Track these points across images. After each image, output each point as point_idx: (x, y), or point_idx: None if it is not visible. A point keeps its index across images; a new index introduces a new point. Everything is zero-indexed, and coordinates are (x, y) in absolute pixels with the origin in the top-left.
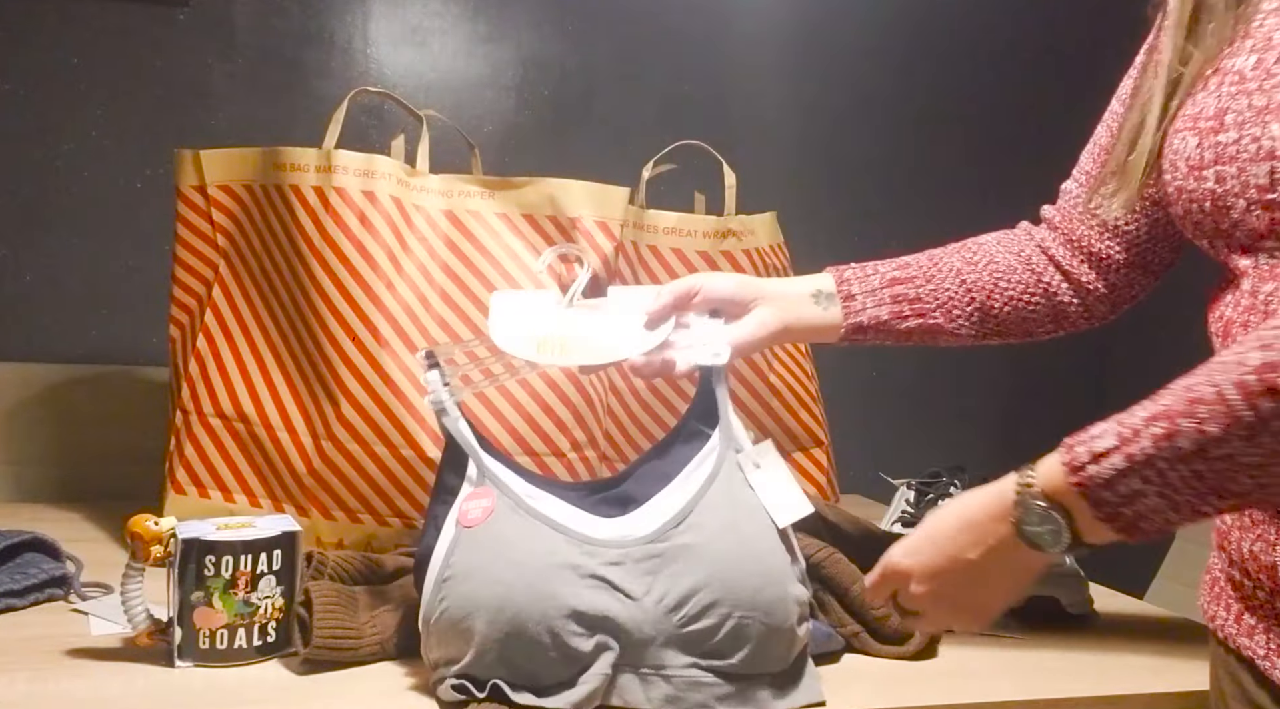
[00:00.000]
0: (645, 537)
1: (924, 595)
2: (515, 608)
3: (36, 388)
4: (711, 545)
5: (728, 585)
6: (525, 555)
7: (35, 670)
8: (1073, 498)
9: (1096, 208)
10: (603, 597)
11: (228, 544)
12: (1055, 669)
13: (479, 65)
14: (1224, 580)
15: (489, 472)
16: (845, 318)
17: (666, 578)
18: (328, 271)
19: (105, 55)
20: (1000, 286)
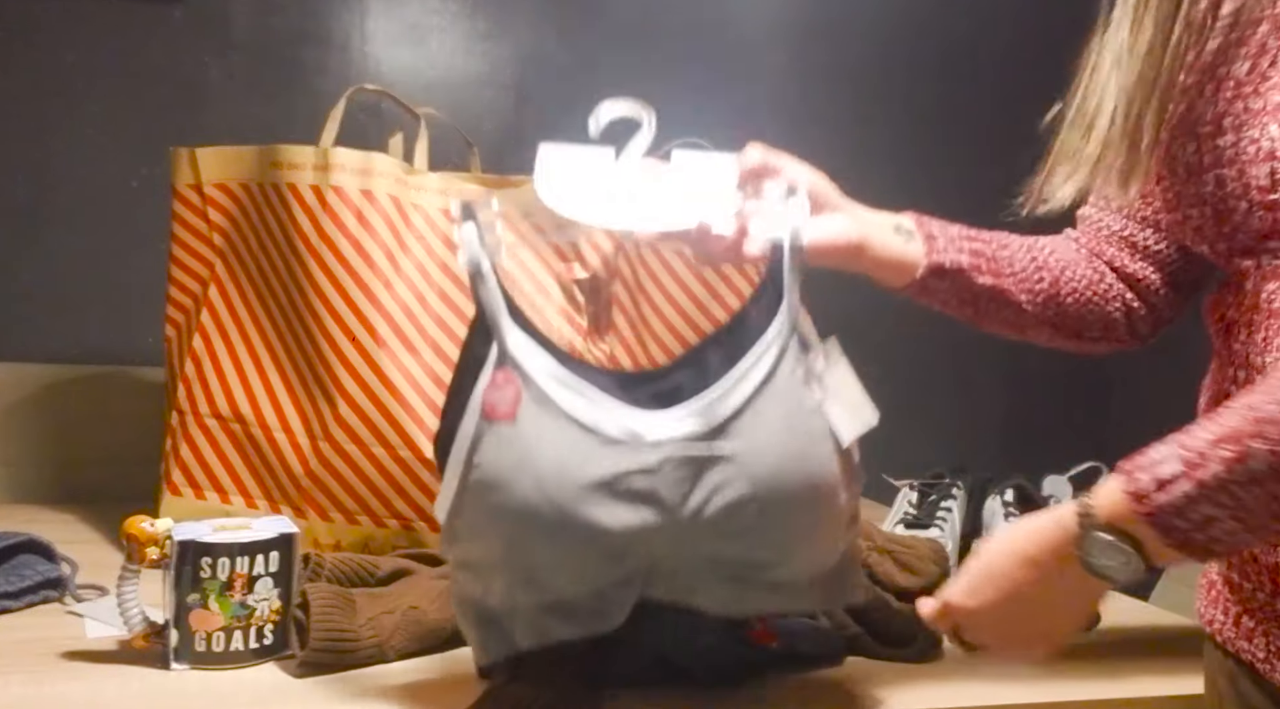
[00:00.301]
0: (688, 436)
1: (990, 633)
2: (541, 532)
3: (31, 388)
4: (761, 454)
5: (774, 498)
6: (553, 468)
7: (30, 673)
8: (1141, 527)
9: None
10: (638, 512)
11: (224, 546)
12: (1060, 672)
13: (477, 63)
14: (1221, 583)
15: (510, 355)
16: (927, 255)
17: (707, 487)
18: (325, 271)
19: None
20: (1066, 275)
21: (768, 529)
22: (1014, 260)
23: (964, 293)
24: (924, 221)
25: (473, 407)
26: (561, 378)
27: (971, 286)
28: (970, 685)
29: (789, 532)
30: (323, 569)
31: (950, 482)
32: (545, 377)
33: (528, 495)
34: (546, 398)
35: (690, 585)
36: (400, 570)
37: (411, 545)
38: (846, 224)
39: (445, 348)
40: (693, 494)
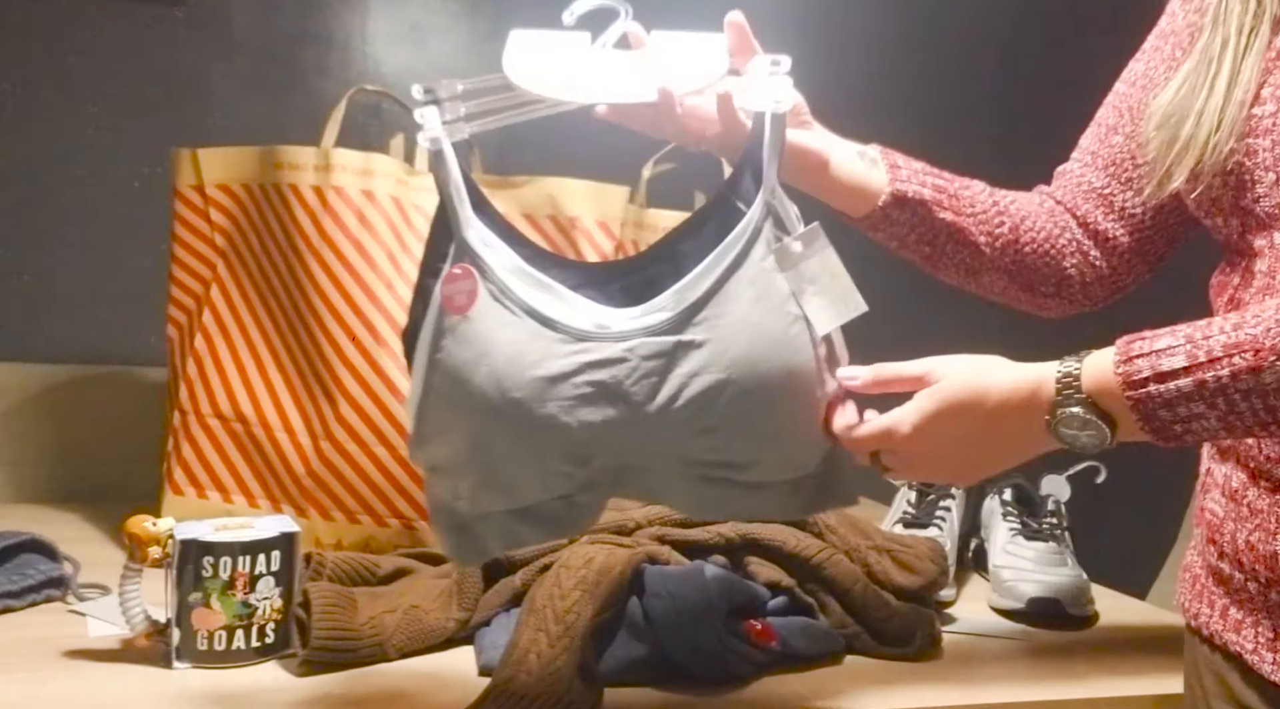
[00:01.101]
0: (654, 327)
1: (920, 470)
2: (501, 430)
3: (33, 388)
4: (732, 340)
5: (747, 386)
6: (509, 363)
7: (33, 672)
8: (1122, 409)
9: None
10: (602, 408)
11: (226, 545)
12: (1057, 670)
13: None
14: (1206, 576)
15: (470, 248)
16: (890, 183)
17: (677, 379)
18: (326, 271)
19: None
20: (1026, 225)
21: (742, 420)
22: (975, 201)
23: (923, 227)
24: (889, 152)
25: (434, 301)
26: (522, 270)
27: (932, 221)
28: (969, 684)
29: (765, 423)
30: (324, 568)
31: None
32: (504, 269)
33: (485, 392)
34: (505, 290)
35: (665, 485)
36: (401, 569)
37: (413, 545)
38: (813, 138)
39: None
40: (662, 387)
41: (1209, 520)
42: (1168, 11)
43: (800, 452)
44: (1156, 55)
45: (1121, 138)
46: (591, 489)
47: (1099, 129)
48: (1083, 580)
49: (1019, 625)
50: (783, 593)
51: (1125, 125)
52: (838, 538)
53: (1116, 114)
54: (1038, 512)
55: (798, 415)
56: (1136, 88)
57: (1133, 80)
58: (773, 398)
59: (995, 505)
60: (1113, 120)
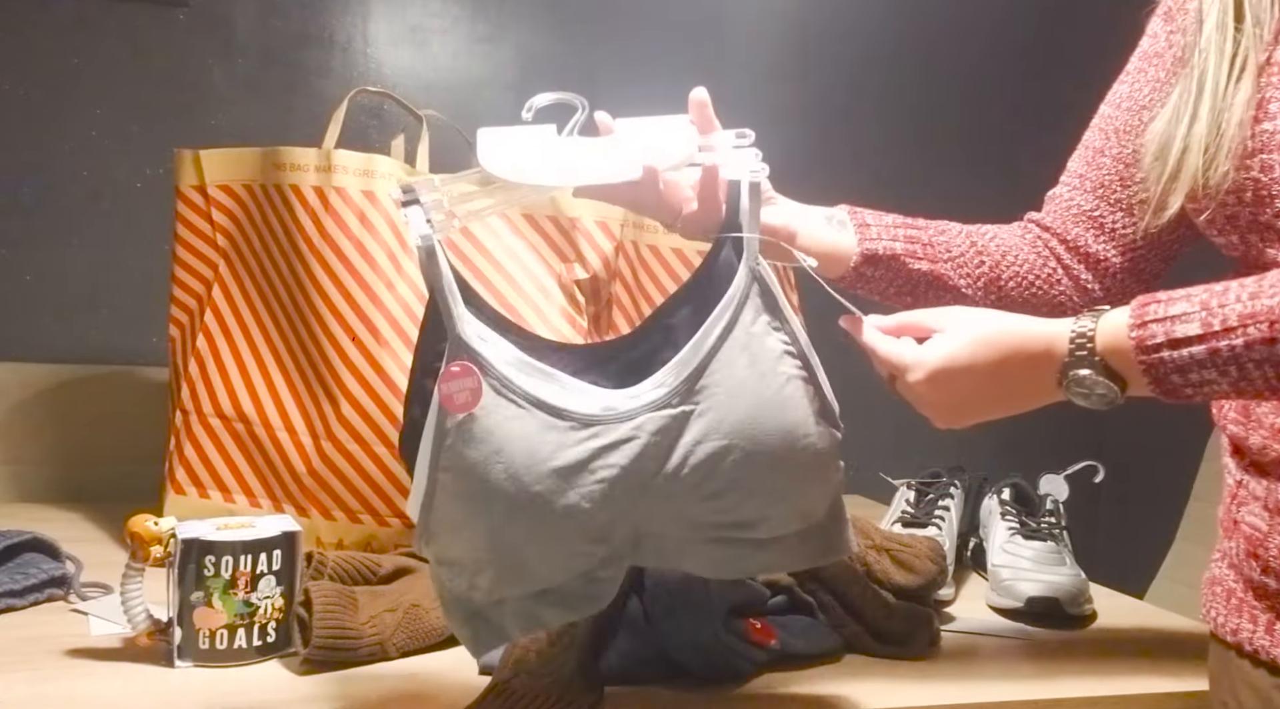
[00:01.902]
0: (657, 402)
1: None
2: (521, 525)
3: (36, 388)
4: (732, 405)
5: (751, 448)
6: (524, 458)
7: (35, 671)
8: (1134, 371)
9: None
10: (616, 487)
11: (227, 544)
12: (1055, 669)
13: (479, 65)
14: (1245, 590)
15: (467, 345)
16: (860, 243)
17: (684, 447)
18: (328, 271)
19: (105, 55)
20: (1008, 261)
21: (747, 482)
22: (951, 245)
23: (899, 279)
24: (857, 212)
25: (434, 402)
26: (522, 362)
27: (907, 273)
28: (968, 683)
29: (769, 482)
30: (325, 567)
31: (948, 480)
32: (504, 363)
33: (504, 489)
34: (508, 383)
35: (679, 551)
36: (402, 569)
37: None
38: (777, 213)
39: None
40: (670, 457)
41: (1248, 534)
42: (1149, 32)
43: (806, 503)
44: (1141, 77)
45: (1109, 160)
46: (612, 564)
47: (1086, 152)
48: (1081, 580)
49: (1017, 625)
50: (783, 592)
51: (1112, 147)
52: None
53: (1103, 137)
54: (1036, 511)
55: (799, 470)
56: (1121, 109)
57: (1117, 103)
58: (774, 457)
59: (994, 505)
60: (1099, 143)
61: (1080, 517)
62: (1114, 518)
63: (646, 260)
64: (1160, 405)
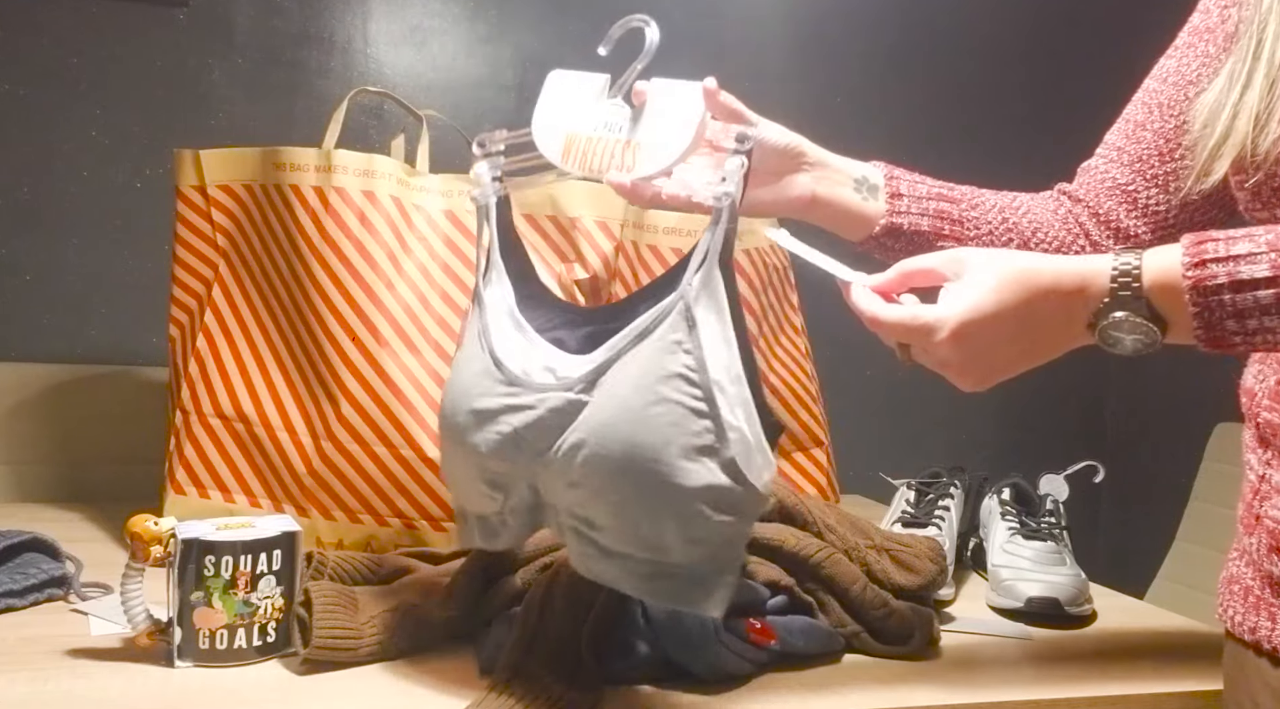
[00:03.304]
0: (565, 383)
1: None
2: (447, 448)
3: (36, 388)
4: (602, 406)
5: (597, 452)
6: (460, 392)
7: (35, 671)
8: (1182, 314)
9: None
10: (510, 447)
11: (228, 544)
12: (1055, 669)
13: (478, 65)
14: (1262, 586)
15: (479, 291)
16: (888, 215)
17: (564, 433)
18: (328, 272)
19: (105, 55)
20: (1037, 237)
21: (593, 482)
22: (982, 221)
23: (921, 253)
24: (894, 178)
25: None
26: (511, 313)
27: (931, 249)
28: (967, 683)
29: (611, 493)
30: (325, 567)
31: (948, 480)
32: (495, 309)
33: (445, 411)
34: (486, 330)
35: (560, 529)
36: (402, 569)
37: (414, 544)
38: (797, 184)
39: (447, 347)
40: (557, 438)
41: (1271, 528)
42: (1200, 7)
43: (650, 532)
44: (1190, 52)
45: (1150, 134)
46: (513, 515)
47: (1127, 125)
48: (1081, 580)
49: (1017, 625)
50: (783, 592)
51: (1154, 122)
52: (837, 537)
53: (1146, 111)
54: (1036, 511)
55: (645, 494)
56: (1168, 84)
57: (1164, 77)
58: (615, 469)
59: (994, 505)
60: (1141, 117)
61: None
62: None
63: (646, 260)
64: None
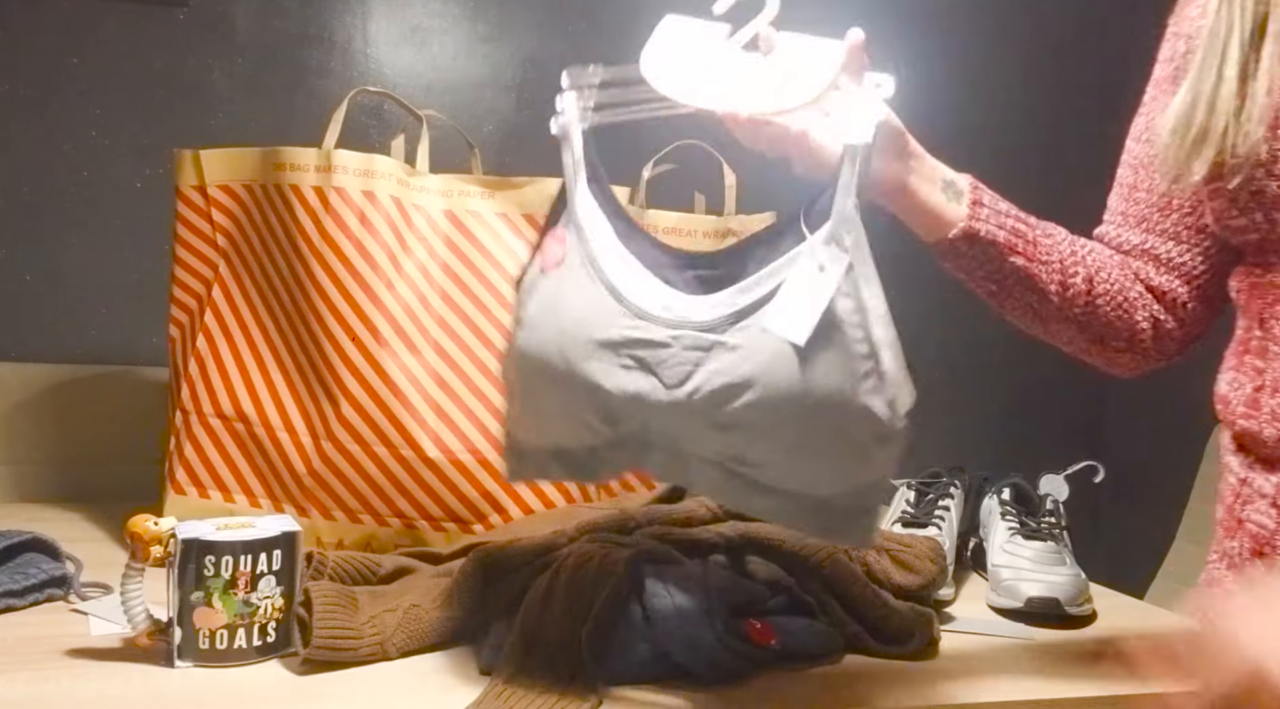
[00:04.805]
0: (701, 324)
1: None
2: (549, 379)
3: (36, 388)
4: (759, 348)
5: (763, 395)
6: (572, 322)
7: (35, 670)
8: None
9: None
10: (636, 380)
11: (228, 544)
12: (1055, 669)
13: (479, 65)
14: None
15: (574, 215)
16: (968, 218)
17: (706, 372)
18: (327, 271)
19: (105, 55)
20: (1101, 275)
21: (755, 424)
22: (1054, 250)
23: (991, 265)
24: (979, 188)
25: (538, 256)
26: (613, 246)
27: (1001, 261)
28: (968, 683)
29: (779, 432)
30: (325, 567)
31: (947, 480)
32: (599, 241)
33: (545, 342)
34: (593, 258)
35: (685, 465)
36: (402, 569)
37: (414, 544)
38: (891, 169)
39: (447, 348)
40: (690, 378)
41: (1254, 532)
42: (1160, 58)
43: (818, 470)
44: (1154, 106)
45: (1144, 194)
46: (618, 448)
47: (1121, 188)
48: (1081, 580)
49: (1018, 625)
50: (783, 592)
51: (1144, 182)
52: None
53: (1133, 173)
54: (1036, 511)
55: (816, 432)
56: (1142, 143)
57: (1138, 136)
58: (786, 409)
59: (994, 505)
60: (1131, 179)
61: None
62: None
63: None
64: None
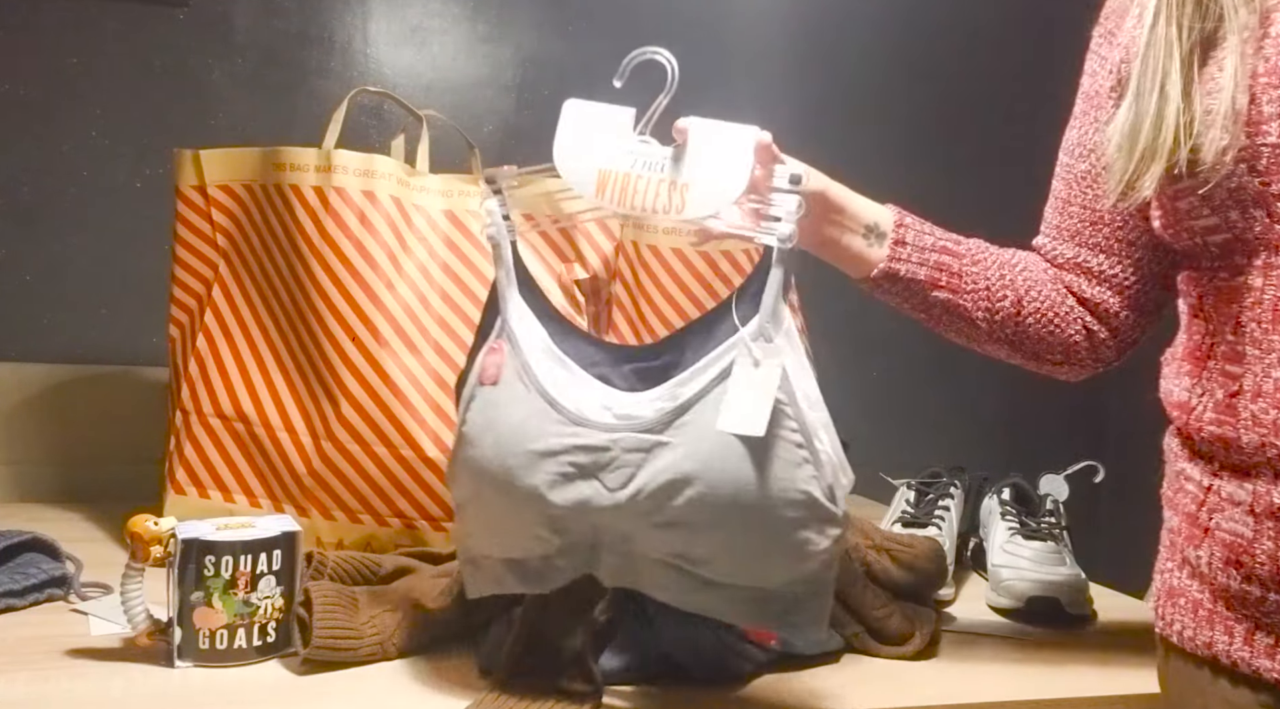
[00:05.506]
0: (640, 423)
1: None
2: (495, 491)
3: (36, 388)
4: (699, 444)
5: (705, 491)
6: (511, 433)
7: (35, 671)
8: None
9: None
10: (579, 488)
11: (228, 544)
12: (1055, 669)
13: (479, 65)
14: (1213, 600)
15: (508, 326)
16: (888, 260)
17: (645, 474)
18: (327, 271)
19: (105, 55)
20: (1030, 295)
21: (697, 520)
22: (980, 277)
23: (915, 300)
24: (902, 227)
25: (475, 369)
26: (549, 349)
27: (924, 296)
28: (968, 683)
29: (721, 528)
30: (325, 567)
31: (948, 480)
32: (534, 349)
33: (487, 455)
34: (528, 368)
35: (634, 567)
36: (402, 569)
37: (414, 544)
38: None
39: (447, 348)
40: (633, 480)
41: (1227, 541)
42: (1087, 71)
43: (761, 565)
44: (1085, 119)
45: (1077, 208)
46: (568, 555)
47: (1056, 201)
48: (1081, 580)
49: (1017, 624)
50: None
51: (1076, 196)
52: None
53: (1066, 187)
54: (1036, 511)
55: (757, 526)
56: (1075, 157)
57: (1070, 149)
58: (727, 504)
59: (994, 504)
60: (1064, 193)
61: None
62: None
63: (646, 260)
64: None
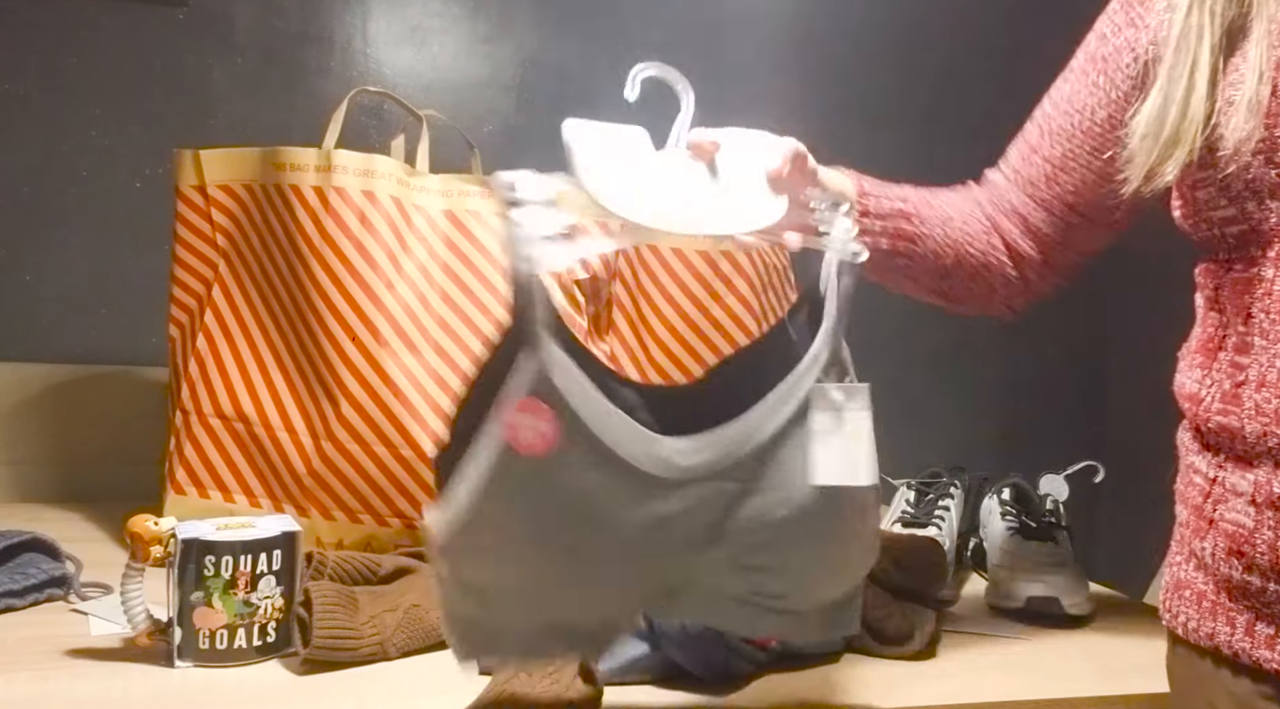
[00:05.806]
0: (719, 469)
1: None
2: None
3: (36, 388)
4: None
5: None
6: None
7: (35, 670)
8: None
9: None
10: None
11: (227, 544)
12: (1055, 669)
13: (479, 65)
14: (1216, 591)
15: (550, 382)
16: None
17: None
18: (327, 272)
19: (105, 55)
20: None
21: (785, 564)
22: (929, 237)
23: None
24: (865, 197)
25: (491, 432)
26: (600, 404)
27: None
28: (968, 683)
29: (812, 567)
30: (325, 567)
31: (948, 480)
32: (585, 406)
33: (546, 532)
34: (585, 431)
35: (707, 607)
36: (402, 569)
37: (414, 544)
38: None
39: (447, 348)
40: (721, 529)
41: (1230, 532)
42: (1097, 33)
43: (827, 590)
44: (1084, 79)
45: (1039, 159)
46: (637, 613)
47: (1023, 146)
48: (1081, 580)
49: (1017, 624)
50: None
51: (1044, 147)
52: None
53: (1038, 134)
54: (1036, 511)
55: (846, 557)
56: (1059, 111)
57: (1056, 101)
58: (820, 549)
59: (994, 504)
60: (1034, 140)
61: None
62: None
63: (646, 260)
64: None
